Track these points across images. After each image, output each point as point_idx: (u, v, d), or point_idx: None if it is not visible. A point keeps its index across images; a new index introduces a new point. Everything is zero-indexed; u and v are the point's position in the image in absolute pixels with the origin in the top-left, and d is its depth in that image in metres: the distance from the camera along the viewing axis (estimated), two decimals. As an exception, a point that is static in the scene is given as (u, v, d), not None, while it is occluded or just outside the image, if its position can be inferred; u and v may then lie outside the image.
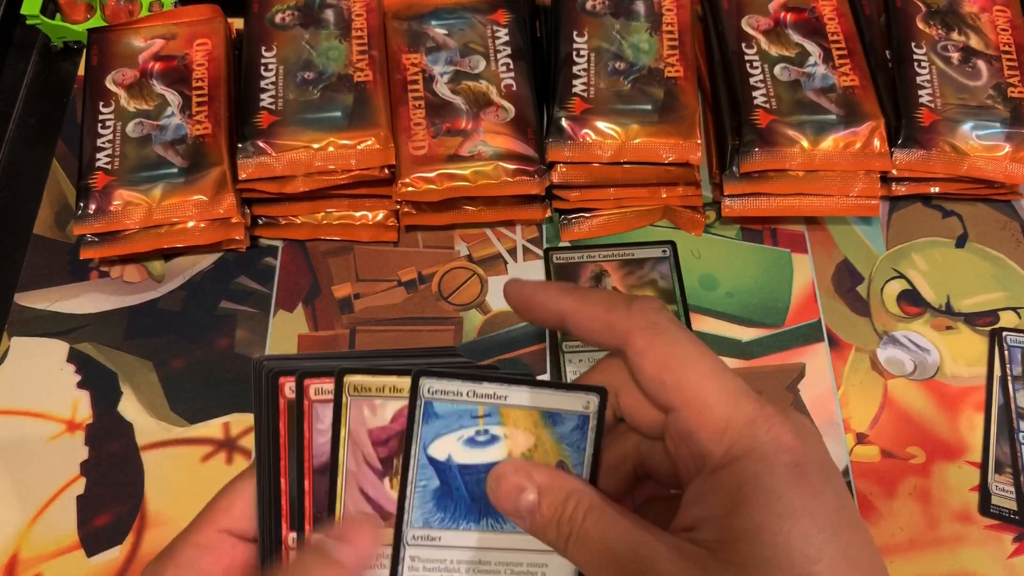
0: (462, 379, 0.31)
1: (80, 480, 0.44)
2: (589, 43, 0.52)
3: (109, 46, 0.52)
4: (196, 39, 0.52)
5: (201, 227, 0.48)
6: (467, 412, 0.32)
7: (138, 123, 0.49)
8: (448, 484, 0.32)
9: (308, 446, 0.31)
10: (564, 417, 0.32)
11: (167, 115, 0.49)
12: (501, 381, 0.31)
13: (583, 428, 0.32)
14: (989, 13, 0.54)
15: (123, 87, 0.50)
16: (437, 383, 0.31)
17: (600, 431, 0.31)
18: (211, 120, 0.49)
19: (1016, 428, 0.46)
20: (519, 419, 0.32)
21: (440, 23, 0.53)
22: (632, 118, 0.49)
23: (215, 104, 0.50)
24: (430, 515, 0.32)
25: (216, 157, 0.48)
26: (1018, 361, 0.47)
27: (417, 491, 0.32)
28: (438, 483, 0.31)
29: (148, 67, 0.51)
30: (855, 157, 0.49)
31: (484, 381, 0.31)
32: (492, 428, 0.32)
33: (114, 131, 0.49)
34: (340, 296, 0.50)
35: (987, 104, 0.51)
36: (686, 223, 0.52)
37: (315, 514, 0.31)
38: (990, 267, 0.51)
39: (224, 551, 0.29)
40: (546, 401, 0.32)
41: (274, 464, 0.30)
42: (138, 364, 0.47)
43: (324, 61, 0.51)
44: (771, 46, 0.52)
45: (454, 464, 0.31)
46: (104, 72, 0.51)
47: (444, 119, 0.50)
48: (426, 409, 0.32)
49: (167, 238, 0.48)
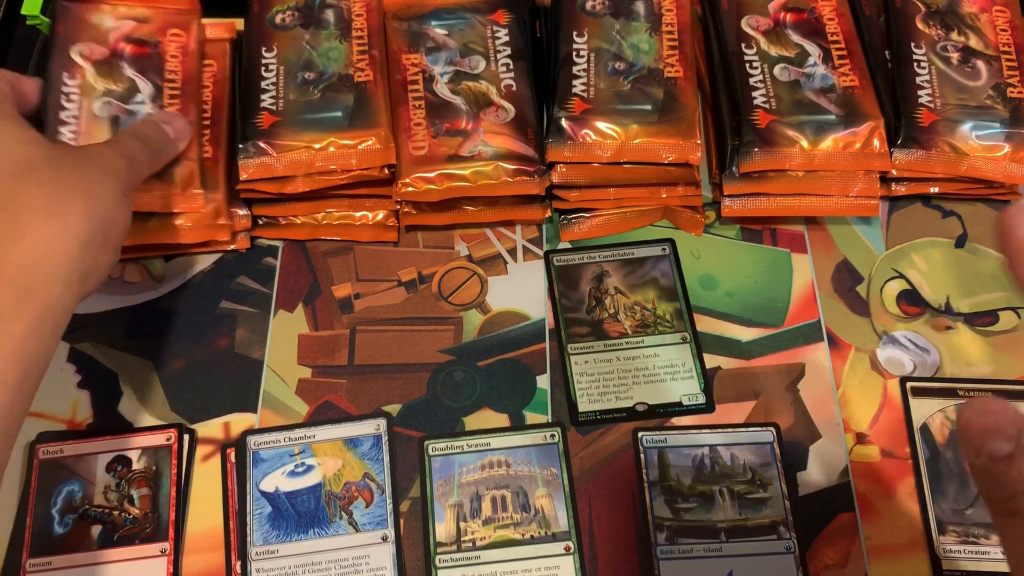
0: (279, 430, 0.45)
1: (80, 480, 0.45)
2: (589, 43, 0.52)
3: (78, 17, 0.50)
4: (169, 28, 0.51)
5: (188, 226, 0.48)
6: (286, 452, 0.44)
7: (106, 102, 0.48)
8: (278, 508, 0.43)
9: None
10: (361, 440, 0.45)
11: (137, 101, 0.49)
12: (307, 426, 0.45)
13: (378, 445, 0.44)
14: (988, 13, 0.54)
15: (90, 61, 0.49)
16: (260, 437, 0.44)
17: (393, 445, 0.44)
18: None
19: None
20: (327, 449, 0.44)
21: (440, 23, 0.53)
22: (632, 118, 0.49)
23: (186, 100, 0.49)
24: (268, 534, 0.42)
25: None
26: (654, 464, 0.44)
27: (255, 518, 0.43)
28: (271, 509, 0.43)
29: (118, 48, 0.50)
30: (855, 157, 0.49)
31: (296, 428, 0.44)
32: (307, 460, 0.44)
33: (79, 107, 0.48)
34: (340, 296, 0.50)
35: (986, 104, 0.51)
36: (686, 223, 0.52)
37: None
38: (990, 267, 0.51)
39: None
40: (344, 431, 0.45)
41: None
42: (138, 364, 0.47)
43: (324, 61, 0.51)
44: (771, 46, 0.52)
45: (281, 492, 0.43)
46: (70, 43, 0.49)
47: (444, 119, 0.50)
48: (254, 457, 0.44)
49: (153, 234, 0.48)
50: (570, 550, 0.43)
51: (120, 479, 0.44)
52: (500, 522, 0.43)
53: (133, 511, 0.43)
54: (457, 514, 0.43)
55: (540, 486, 0.44)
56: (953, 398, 0.47)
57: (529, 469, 0.44)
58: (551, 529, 0.43)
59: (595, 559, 0.43)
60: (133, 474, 0.44)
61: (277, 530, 0.43)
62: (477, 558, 0.42)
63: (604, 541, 0.43)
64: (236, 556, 0.42)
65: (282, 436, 0.45)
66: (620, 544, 0.43)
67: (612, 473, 0.45)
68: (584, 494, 0.44)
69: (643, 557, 0.43)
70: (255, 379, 0.47)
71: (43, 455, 0.44)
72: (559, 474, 0.44)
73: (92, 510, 0.43)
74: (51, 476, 0.44)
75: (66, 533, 0.42)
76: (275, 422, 0.46)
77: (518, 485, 0.44)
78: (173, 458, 0.44)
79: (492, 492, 0.44)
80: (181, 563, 0.42)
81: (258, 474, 0.44)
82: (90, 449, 0.44)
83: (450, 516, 0.43)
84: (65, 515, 0.43)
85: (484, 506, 0.43)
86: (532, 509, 0.43)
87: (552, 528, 0.43)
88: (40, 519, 0.43)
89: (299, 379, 0.47)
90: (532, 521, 0.43)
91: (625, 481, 0.44)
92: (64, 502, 0.43)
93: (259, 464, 0.44)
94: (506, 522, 0.43)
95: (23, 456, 0.44)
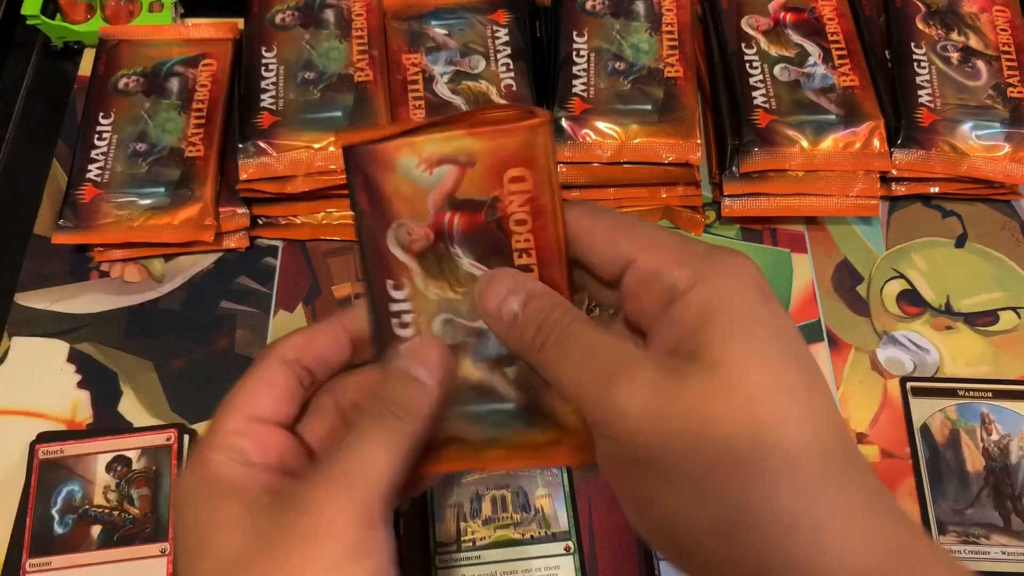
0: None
1: (80, 480, 0.45)
2: (589, 43, 0.52)
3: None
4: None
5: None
6: None
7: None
8: None
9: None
10: None
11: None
12: None
13: None
14: (988, 13, 0.54)
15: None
16: None
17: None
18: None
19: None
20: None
21: (440, 23, 0.53)
22: (632, 118, 0.49)
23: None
24: None
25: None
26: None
27: None
28: None
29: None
30: (855, 157, 0.49)
31: None
32: None
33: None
34: (340, 296, 0.50)
35: (987, 104, 0.51)
36: (686, 223, 0.52)
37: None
38: (990, 267, 0.51)
39: (259, 435, 0.29)
40: None
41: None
42: (138, 364, 0.47)
43: (324, 61, 0.51)
44: (771, 46, 0.52)
45: None
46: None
47: (444, 119, 0.50)
48: None
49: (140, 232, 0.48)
50: (570, 550, 0.43)
51: (120, 479, 0.44)
52: (500, 522, 0.43)
53: (133, 511, 0.43)
54: (457, 514, 0.43)
55: (540, 486, 0.44)
56: (953, 398, 0.47)
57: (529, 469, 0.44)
58: (551, 529, 0.43)
59: (595, 559, 0.43)
60: (133, 474, 0.44)
61: None
62: (477, 558, 0.42)
63: (604, 541, 0.43)
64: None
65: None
66: (620, 544, 0.43)
67: (612, 473, 0.45)
68: (584, 494, 0.44)
69: (643, 557, 0.43)
70: (255, 379, 0.47)
71: (43, 455, 0.44)
72: (559, 474, 0.44)
73: (92, 510, 0.43)
74: (51, 476, 0.44)
75: (66, 533, 0.42)
76: (275, 422, 0.46)
77: (518, 485, 0.44)
78: (173, 458, 0.44)
79: (492, 492, 0.44)
80: (181, 563, 0.42)
81: None
82: (90, 449, 0.44)
83: (450, 516, 0.43)
84: (65, 515, 0.43)
85: (484, 506, 0.43)
86: (532, 509, 0.43)
87: (552, 528, 0.43)
88: (40, 519, 0.43)
89: (299, 379, 0.47)
90: (532, 521, 0.43)
91: (625, 481, 0.44)
92: (64, 502, 0.43)
93: None
94: (506, 522, 0.43)
95: (23, 456, 0.44)
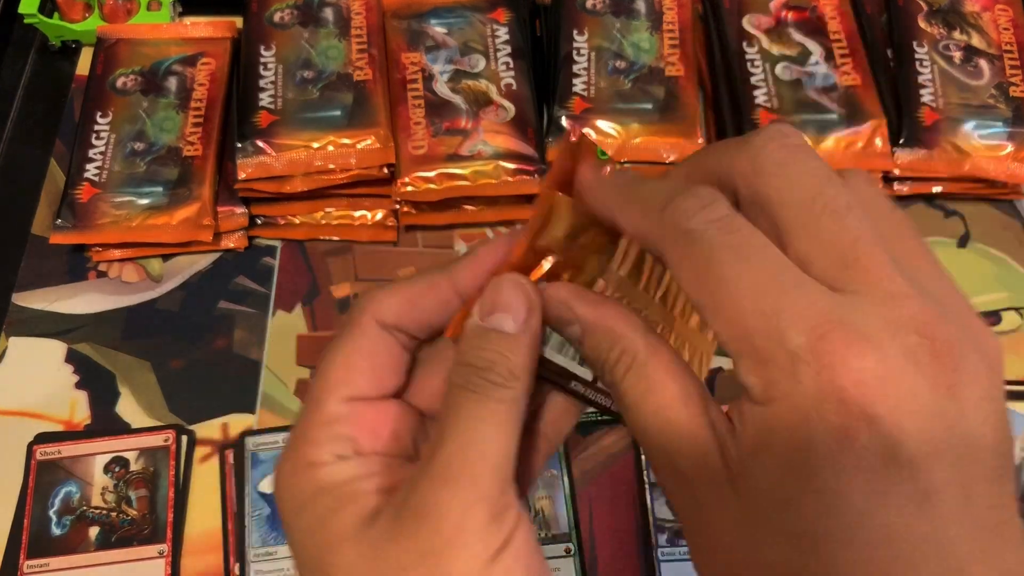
0: (278, 431, 0.44)
1: (78, 481, 0.44)
2: (589, 42, 0.51)
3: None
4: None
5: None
6: None
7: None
8: (276, 510, 0.39)
9: None
10: None
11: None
12: None
13: None
14: (991, 12, 0.53)
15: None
16: (258, 438, 0.44)
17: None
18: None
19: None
20: None
21: (440, 22, 0.53)
22: (633, 117, 0.49)
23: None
24: (266, 535, 0.42)
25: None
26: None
27: (253, 519, 0.43)
28: (269, 510, 0.43)
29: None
30: (857, 156, 0.49)
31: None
32: None
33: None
34: (339, 296, 0.49)
35: (989, 103, 0.50)
36: (687, 223, 0.51)
37: None
38: (992, 267, 0.51)
39: (365, 418, 0.24)
40: None
41: None
42: (136, 364, 0.47)
43: (323, 60, 0.50)
44: (772, 45, 0.52)
45: None
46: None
47: (444, 118, 0.49)
48: (252, 458, 0.44)
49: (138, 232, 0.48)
50: (570, 552, 0.42)
51: (118, 480, 0.44)
52: (500, 524, 0.43)
53: (131, 512, 0.43)
54: (457, 515, 0.43)
55: (540, 488, 0.44)
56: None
57: (529, 470, 0.44)
58: (551, 531, 0.43)
59: (595, 561, 0.42)
60: (131, 475, 0.44)
61: (276, 532, 0.42)
62: (477, 560, 0.42)
63: (605, 543, 0.43)
64: (234, 558, 0.42)
65: (280, 437, 0.45)
66: (621, 546, 0.43)
67: (613, 475, 0.44)
68: (585, 496, 0.44)
69: (644, 559, 0.42)
70: (253, 380, 0.47)
71: (41, 456, 0.44)
72: (559, 476, 0.44)
73: (90, 511, 0.43)
74: (49, 477, 0.43)
75: (64, 534, 0.42)
76: (274, 423, 0.45)
77: (518, 486, 0.44)
78: (171, 459, 0.44)
79: (492, 493, 0.44)
80: (179, 564, 0.42)
81: (257, 475, 0.44)
82: (88, 450, 0.44)
83: (450, 517, 0.43)
84: (63, 516, 0.43)
85: (484, 507, 0.43)
86: (532, 511, 0.43)
87: (552, 530, 0.43)
88: (38, 520, 0.42)
89: (298, 380, 0.47)
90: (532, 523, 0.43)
91: (626, 482, 0.44)
92: (62, 503, 0.43)
93: (258, 465, 0.44)
94: (506, 524, 0.43)
95: (21, 457, 0.44)
